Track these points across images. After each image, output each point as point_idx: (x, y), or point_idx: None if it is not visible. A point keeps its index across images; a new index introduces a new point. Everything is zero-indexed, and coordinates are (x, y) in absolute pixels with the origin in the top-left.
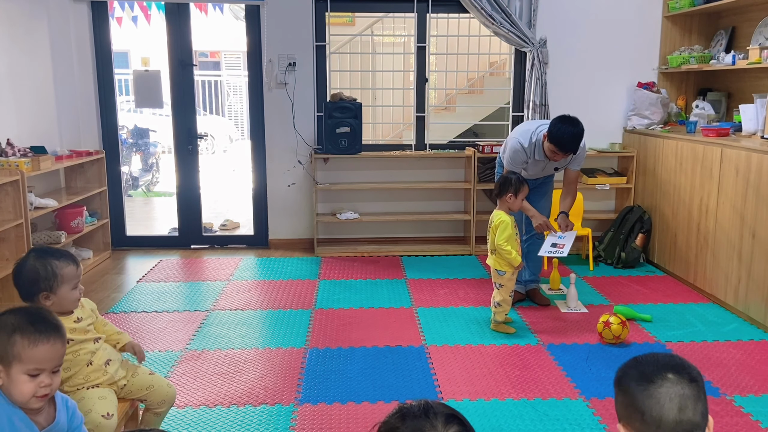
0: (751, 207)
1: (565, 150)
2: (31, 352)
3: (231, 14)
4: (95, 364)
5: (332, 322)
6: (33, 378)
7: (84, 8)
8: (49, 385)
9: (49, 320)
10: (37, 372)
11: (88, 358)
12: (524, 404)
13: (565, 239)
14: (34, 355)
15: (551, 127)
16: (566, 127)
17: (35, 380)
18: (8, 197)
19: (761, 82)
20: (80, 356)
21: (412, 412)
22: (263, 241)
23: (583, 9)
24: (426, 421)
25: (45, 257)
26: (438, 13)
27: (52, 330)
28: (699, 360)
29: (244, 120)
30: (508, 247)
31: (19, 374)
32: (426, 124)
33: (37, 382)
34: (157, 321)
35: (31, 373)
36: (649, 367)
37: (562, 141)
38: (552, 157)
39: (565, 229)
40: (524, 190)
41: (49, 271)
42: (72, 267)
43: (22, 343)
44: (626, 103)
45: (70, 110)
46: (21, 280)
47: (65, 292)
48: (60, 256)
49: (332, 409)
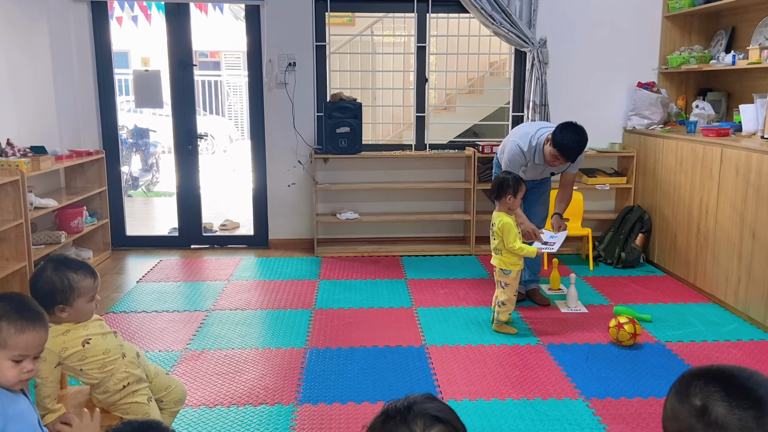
0: (751, 207)
1: (567, 157)
2: (17, 339)
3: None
4: (128, 356)
5: (332, 322)
6: (16, 364)
7: (84, 8)
8: (32, 370)
9: (33, 308)
10: (21, 358)
11: (120, 350)
12: (524, 404)
13: (556, 238)
14: (19, 341)
15: (556, 134)
16: (572, 135)
17: (19, 366)
18: (8, 197)
19: (761, 82)
20: (111, 350)
21: (393, 414)
22: (263, 241)
23: (583, 9)
24: (404, 426)
25: (62, 269)
26: (438, 13)
27: (37, 318)
28: (699, 360)
29: (244, 120)
30: (520, 245)
31: (3, 360)
32: (426, 124)
33: (20, 368)
34: (157, 321)
35: (15, 359)
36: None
37: (566, 148)
38: (552, 162)
39: (558, 230)
40: (522, 188)
41: (66, 284)
42: (89, 280)
43: (9, 330)
44: (626, 103)
45: (70, 110)
46: (37, 291)
47: (81, 304)
48: (78, 268)
49: (332, 409)
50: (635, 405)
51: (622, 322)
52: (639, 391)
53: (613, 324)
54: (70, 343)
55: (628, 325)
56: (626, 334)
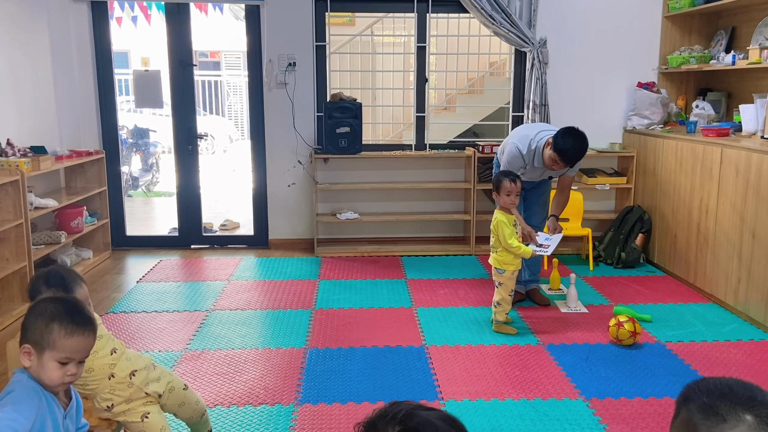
0: (751, 207)
1: (567, 162)
2: (65, 342)
3: (231, 14)
4: (118, 377)
5: (332, 322)
6: (62, 366)
7: (84, 8)
8: (75, 374)
9: (85, 313)
10: (67, 361)
11: (108, 371)
12: (524, 404)
13: (551, 240)
14: (68, 344)
15: (557, 139)
16: (573, 141)
17: (63, 368)
18: (8, 197)
19: (761, 82)
20: (95, 374)
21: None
22: (263, 241)
23: (583, 9)
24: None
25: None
26: (438, 13)
27: (88, 323)
28: (699, 360)
29: (244, 120)
30: (516, 243)
31: (50, 361)
32: (426, 124)
33: (64, 370)
34: (157, 321)
35: (61, 361)
36: (723, 401)
37: (567, 154)
38: (551, 166)
39: (553, 232)
40: (505, 187)
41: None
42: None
43: (59, 332)
44: (626, 103)
45: (70, 110)
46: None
47: None
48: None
49: (332, 409)
50: (635, 405)
51: (621, 321)
52: (639, 391)
53: (613, 323)
54: None
55: (628, 323)
56: (626, 332)
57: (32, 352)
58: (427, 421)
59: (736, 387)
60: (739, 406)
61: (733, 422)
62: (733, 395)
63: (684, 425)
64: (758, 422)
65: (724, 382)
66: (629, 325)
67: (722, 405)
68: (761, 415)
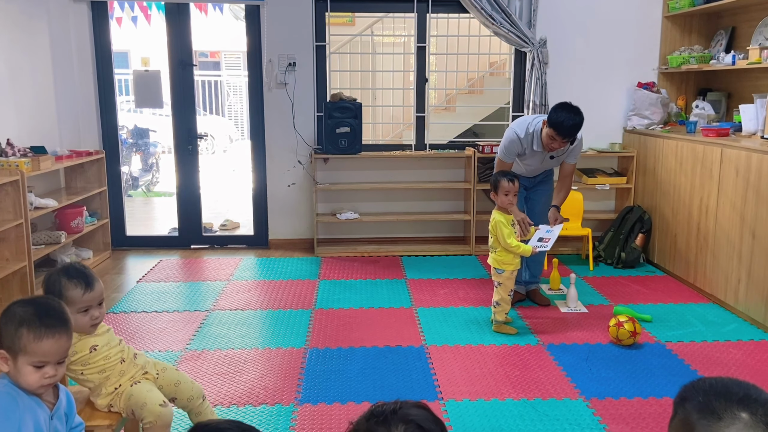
0: (751, 207)
1: (563, 135)
2: (36, 346)
3: (231, 14)
4: (127, 360)
5: (332, 322)
6: (38, 369)
7: (84, 8)
8: (54, 375)
9: (57, 314)
10: (42, 364)
11: (120, 356)
12: (524, 404)
13: (552, 233)
14: (38, 348)
15: (552, 112)
16: (567, 114)
17: (40, 371)
18: (8, 197)
19: (761, 82)
20: (112, 360)
21: (378, 414)
22: (263, 241)
23: (582, 9)
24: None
25: (60, 274)
26: (438, 13)
27: (59, 324)
28: (699, 360)
29: (244, 120)
30: (515, 242)
31: (24, 365)
32: (426, 124)
33: (41, 373)
34: (157, 321)
35: (36, 365)
36: (718, 400)
37: (562, 126)
38: (549, 145)
39: (554, 223)
40: (503, 186)
41: (56, 289)
42: (77, 291)
43: (28, 337)
44: (626, 103)
45: (70, 110)
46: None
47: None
48: (73, 276)
49: (332, 409)
50: (635, 405)
51: (621, 321)
52: (639, 391)
53: (613, 323)
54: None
55: (628, 323)
56: (626, 332)
57: (8, 357)
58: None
59: (731, 386)
60: (735, 405)
61: (728, 420)
62: (729, 394)
63: (681, 425)
64: (754, 420)
65: (720, 381)
66: (629, 325)
67: (718, 404)
68: (757, 413)
